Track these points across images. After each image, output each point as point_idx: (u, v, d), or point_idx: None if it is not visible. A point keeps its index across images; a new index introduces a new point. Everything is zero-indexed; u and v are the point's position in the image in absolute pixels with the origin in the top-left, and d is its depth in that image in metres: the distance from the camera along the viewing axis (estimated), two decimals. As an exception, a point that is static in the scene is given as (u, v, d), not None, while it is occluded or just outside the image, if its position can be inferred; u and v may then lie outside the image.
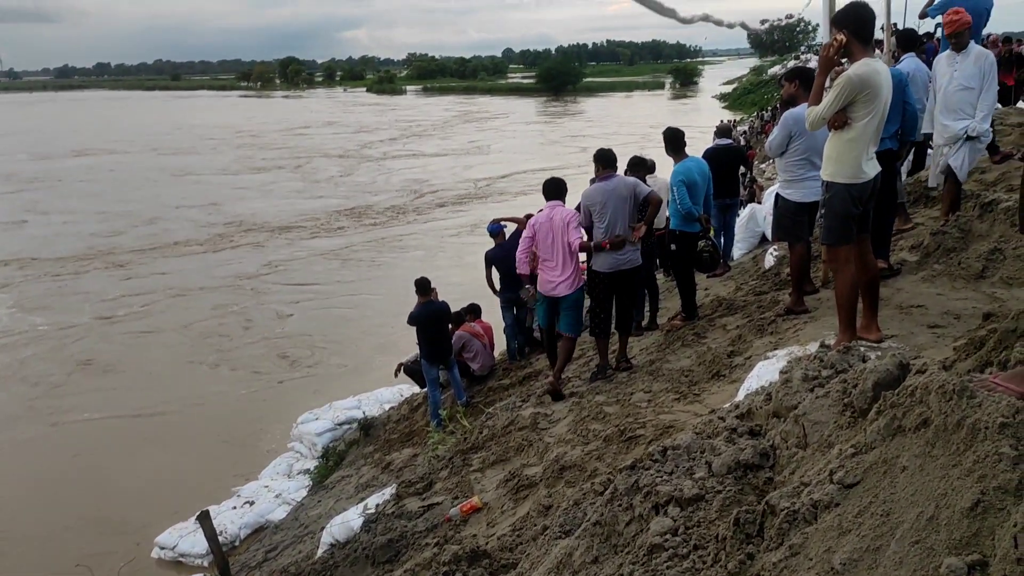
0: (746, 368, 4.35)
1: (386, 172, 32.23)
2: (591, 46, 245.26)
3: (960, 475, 1.56)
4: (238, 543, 7.13)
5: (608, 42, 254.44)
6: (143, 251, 19.50)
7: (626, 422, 4.33)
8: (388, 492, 5.68)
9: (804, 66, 8.41)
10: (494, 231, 8.10)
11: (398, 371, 8.35)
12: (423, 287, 7.62)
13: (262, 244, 20.04)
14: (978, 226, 5.16)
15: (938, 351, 3.53)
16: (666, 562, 2.11)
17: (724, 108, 55.94)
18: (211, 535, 5.61)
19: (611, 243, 5.40)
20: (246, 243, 20.19)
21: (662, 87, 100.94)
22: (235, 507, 7.53)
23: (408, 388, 9.16)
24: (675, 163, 6.30)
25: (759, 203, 9.92)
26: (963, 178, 5.76)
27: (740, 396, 3.60)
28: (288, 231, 21.49)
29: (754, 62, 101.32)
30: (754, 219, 9.23)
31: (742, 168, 10.33)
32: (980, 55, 5.60)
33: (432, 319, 7.59)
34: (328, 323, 13.87)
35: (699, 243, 6.20)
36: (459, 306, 8.48)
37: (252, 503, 7.56)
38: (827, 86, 3.70)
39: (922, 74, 6.15)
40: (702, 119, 40.67)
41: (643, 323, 7.01)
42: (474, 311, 8.61)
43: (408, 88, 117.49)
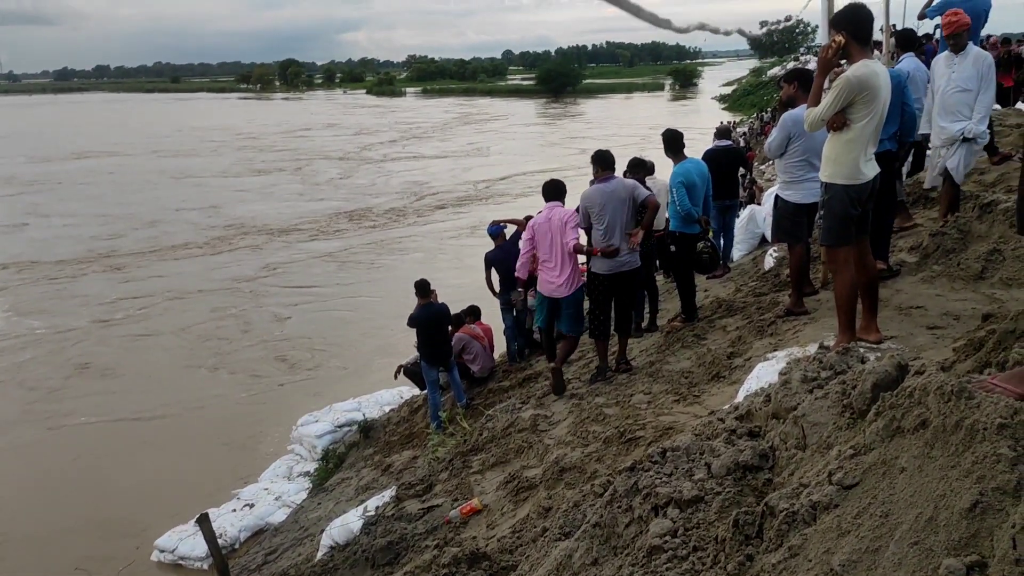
0: (746, 369, 4.35)
1: (386, 174, 32.23)
2: (591, 48, 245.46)
3: (959, 476, 1.56)
4: (238, 546, 7.12)
5: (608, 44, 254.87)
6: (142, 254, 19.47)
7: (626, 424, 4.33)
8: (388, 494, 5.68)
9: (803, 67, 8.42)
10: (494, 233, 8.10)
11: (398, 373, 8.36)
12: (423, 289, 7.62)
13: (261, 247, 20.00)
14: (977, 227, 5.17)
15: (937, 352, 3.53)
16: (665, 563, 2.11)
17: (724, 109, 55.98)
18: (211, 538, 5.61)
19: (603, 252, 5.42)
20: (245, 246, 20.16)
21: (662, 88, 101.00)
22: (235, 510, 7.52)
23: (408, 390, 9.15)
24: (674, 164, 6.31)
25: (758, 204, 9.93)
26: (960, 180, 5.77)
27: (740, 397, 3.60)
28: (288, 233, 21.48)
29: (753, 63, 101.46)
30: (753, 220, 9.24)
31: (741, 169, 10.34)
32: (978, 57, 5.61)
33: (432, 321, 7.59)
34: (328, 325, 13.85)
35: (698, 244, 6.21)
36: (459, 308, 8.47)
37: (252, 505, 7.55)
38: (826, 87, 3.71)
39: (921, 74, 6.15)
40: (702, 120, 40.72)
41: (643, 324, 7.02)
42: (474, 313, 8.61)
43: (408, 90, 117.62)
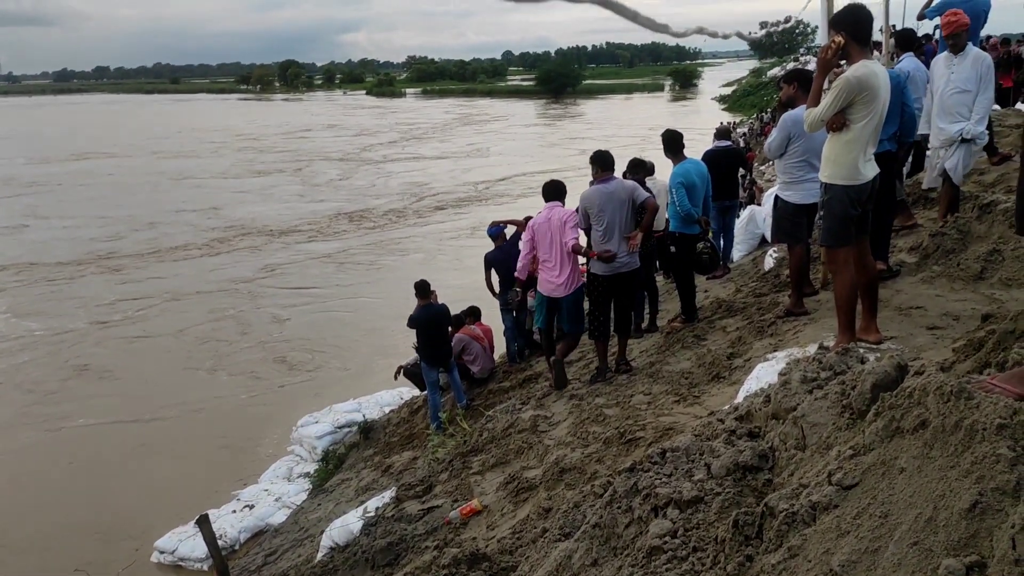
0: (746, 370, 4.35)
1: (386, 175, 32.23)
2: (590, 48, 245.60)
3: (958, 476, 1.56)
4: (238, 547, 7.11)
5: (607, 44, 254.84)
6: (141, 255, 19.44)
7: (626, 424, 4.33)
8: (388, 495, 5.67)
9: (803, 68, 8.43)
10: (494, 234, 8.10)
11: (398, 374, 8.36)
12: (423, 290, 7.62)
13: (260, 248, 19.97)
14: (977, 227, 5.17)
15: (937, 352, 3.53)
16: (665, 564, 2.11)
17: (723, 110, 55.99)
18: (210, 539, 5.61)
19: (600, 257, 5.44)
20: (244, 247, 20.13)
21: (661, 89, 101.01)
22: (235, 511, 7.51)
23: (408, 391, 9.15)
24: (674, 165, 6.31)
25: (758, 205, 9.93)
26: (959, 180, 5.78)
27: (739, 398, 3.60)
28: (287, 235, 21.47)
29: (753, 64, 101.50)
30: (753, 221, 9.24)
31: (741, 170, 10.34)
32: (977, 58, 5.61)
33: (432, 322, 7.59)
34: (328, 326, 13.83)
35: (698, 245, 6.21)
36: (459, 309, 8.47)
37: (252, 507, 7.54)
38: (825, 88, 3.71)
39: (921, 73, 6.15)
40: (701, 121, 40.70)
41: (643, 325, 7.02)
42: (474, 314, 8.61)
43: (408, 91, 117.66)
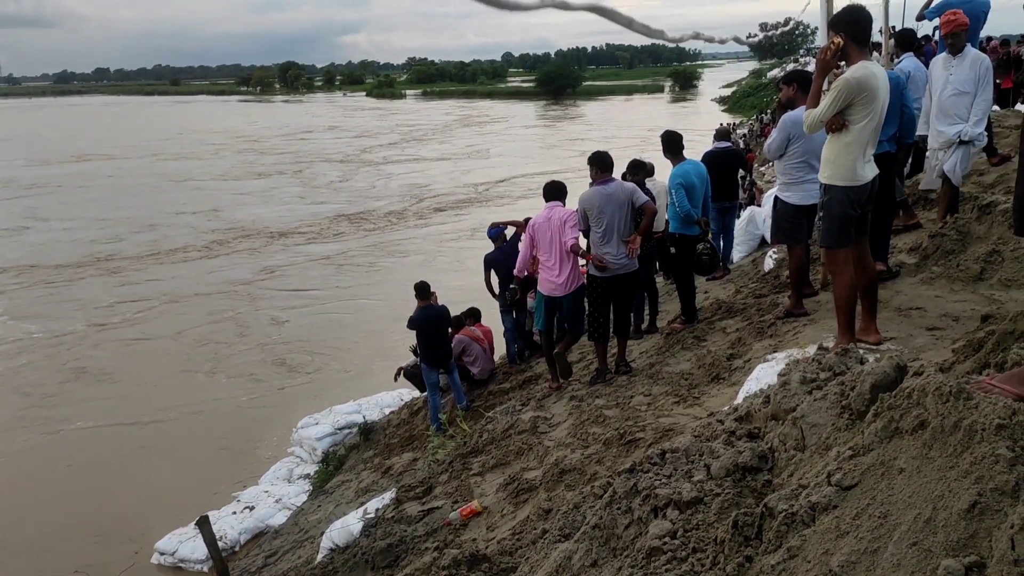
0: (745, 371, 4.35)
1: (386, 177, 32.24)
2: (590, 50, 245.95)
3: (957, 477, 1.56)
4: (238, 548, 7.11)
5: (607, 45, 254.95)
6: (140, 258, 19.43)
7: (625, 425, 4.34)
8: (388, 496, 5.67)
9: (802, 69, 8.43)
10: (493, 235, 8.10)
11: (398, 375, 8.36)
12: (423, 291, 7.62)
13: (259, 250, 19.95)
14: (976, 228, 5.17)
15: (937, 353, 3.53)
16: (665, 565, 2.11)
17: (723, 111, 56.05)
18: (211, 540, 5.60)
19: (595, 264, 5.49)
20: (244, 249, 20.11)
21: (661, 90, 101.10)
22: (235, 512, 7.51)
23: (408, 392, 9.15)
24: (673, 166, 6.31)
25: (758, 206, 9.93)
26: (957, 182, 5.78)
27: (739, 399, 3.60)
28: (287, 236, 21.47)
29: (753, 65, 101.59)
30: (753, 222, 9.24)
31: (741, 171, 10.34)
32: (976, 59, 5.61)
33: (432, 323, 7.59)
34: (327, 328, 13.83)
35: (698, 246, 6.22)
36: (459, 310, 8.48)
37: (252, 508, 7.54)
38: (825, 89, 3.72)
39: (921, 74, 6.15)
40: (701, 122, 40.74)
41: (643, 326, 7.02)
42: (474, 315, 8.61)
43: (408, 92, 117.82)
